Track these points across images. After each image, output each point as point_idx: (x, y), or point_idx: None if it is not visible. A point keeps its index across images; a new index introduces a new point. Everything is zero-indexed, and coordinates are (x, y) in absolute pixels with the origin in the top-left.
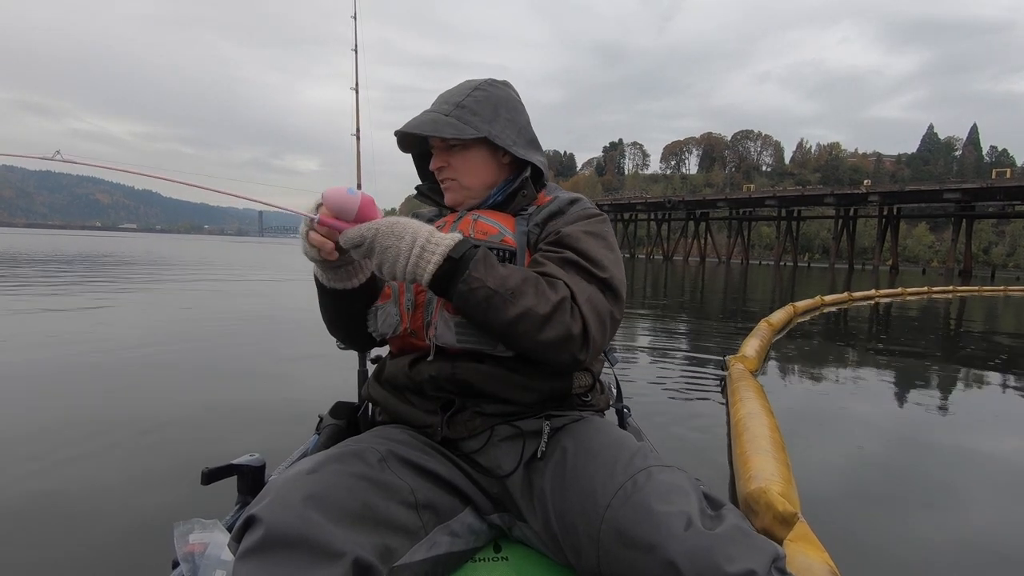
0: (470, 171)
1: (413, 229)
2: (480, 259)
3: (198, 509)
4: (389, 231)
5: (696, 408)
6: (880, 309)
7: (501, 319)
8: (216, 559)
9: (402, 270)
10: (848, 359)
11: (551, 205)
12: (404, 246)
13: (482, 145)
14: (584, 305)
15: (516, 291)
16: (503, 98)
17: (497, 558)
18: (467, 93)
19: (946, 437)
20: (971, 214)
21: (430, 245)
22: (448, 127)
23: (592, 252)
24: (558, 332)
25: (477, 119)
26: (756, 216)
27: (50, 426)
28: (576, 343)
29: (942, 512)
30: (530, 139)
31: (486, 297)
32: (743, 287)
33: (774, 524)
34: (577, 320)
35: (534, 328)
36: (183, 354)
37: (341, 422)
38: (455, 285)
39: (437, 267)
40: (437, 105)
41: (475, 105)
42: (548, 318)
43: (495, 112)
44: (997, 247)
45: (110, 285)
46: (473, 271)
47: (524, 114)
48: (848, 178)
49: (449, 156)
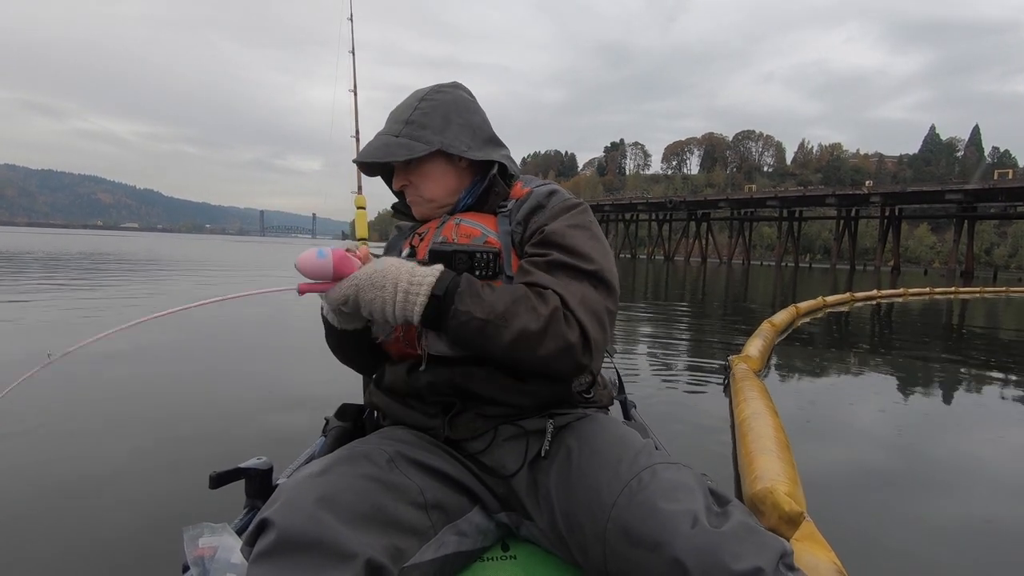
0: (430, 185)
1: (393, 275)
2: (464, 291)
3: (205, 513)
4: (368, 284)
5: (699, 408)
6: (882, 310)
7: (498, 345)
8: (226, 563)
9: (392, 315)
10: (851, 359)
11: (530, 200)
12: (387, 296)
13: (437, 156)
14: (578, 309)
15: (507, 314)
16: (451, 103)
17: (505, 557)
18: (414, 107)
19: (952, 436)
20: (973, 215)
21: (412, 288)
22: (400, 148)
23: (579, 246)
24: (556, 344)
25: (427, 132)
26: (757, 216)
27: (52, 427)
28: (576, 350)
29: (948, 511)
30: (487, 137)
31: (478, 328)
32: (744, 288)
33: (780, 524)
34: (574, 327)
35: (531, 346)
36: (187, 355)
37: (347, 424)
38: (446, 321)
39: (424, 308)
40: (388, 126)
41: (423, 118)
42: (543, 333)
43: (445, 120)
44: (999, 248)
45: (119, 286)
46: (460, 305)
47: (479, 113)
48: (850, 179)
49: (408, 174)
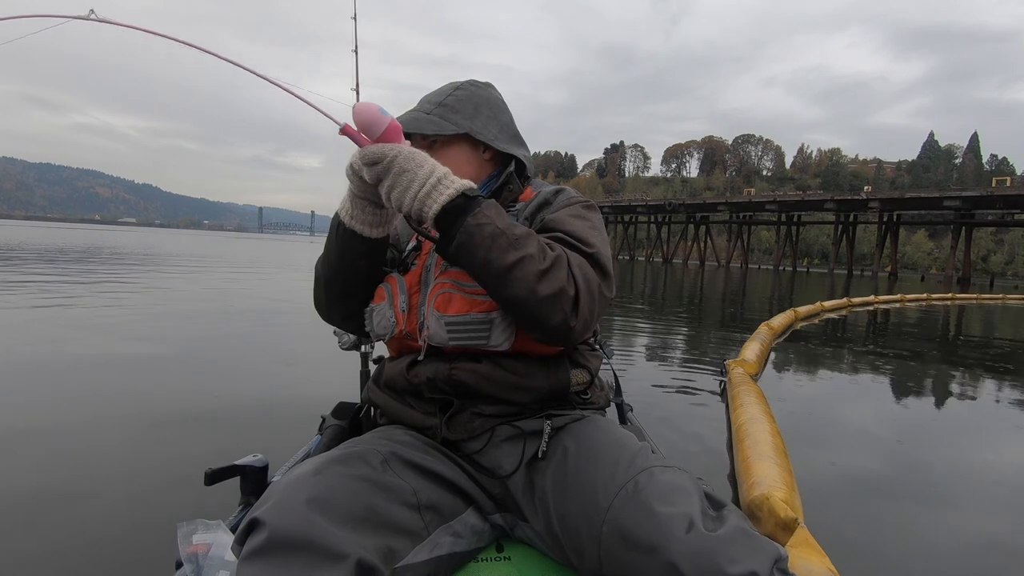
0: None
1: (433, 162)
2: (492, 203)
3: (200, 509)
4: (411, 156)
5: (696, 412)
6: (879, 316)
7: (502, 260)
8: (220, 560)
9: (412, 197)
10: (848, 365)
11: (538, 198)
12: (422, 174)
13: (463, 141)
14: (576, 270)
15: (521, 238)
16: (484, 97)
17: (500, 558)
18: (449, 93)
19: (948, 443)
20: (970, 222)
21: (446, 179)
22: (429, 124)
23: (579, 231)
24: (554, 286)
25: (458, 116)
26: (756, 220)
27: (50, 423)
28: (569, 302)
29: (944, 517)
30: (513, 135)
31: (492, 234)
32: (742, 291)
33: (776, 530)
34: (571, 281)
35: (532, 276)
36: (184, 351)
37: (343, 422)
38: (462, 220)
39: (450, 199)
40: (420, 105)
41: (456, 103)
42: (546, 271)
43: (476, 110)
44: (996, 255)
45: (112, 284)
46: (485, 208)
47: (507, 112)
48: (848, 184)
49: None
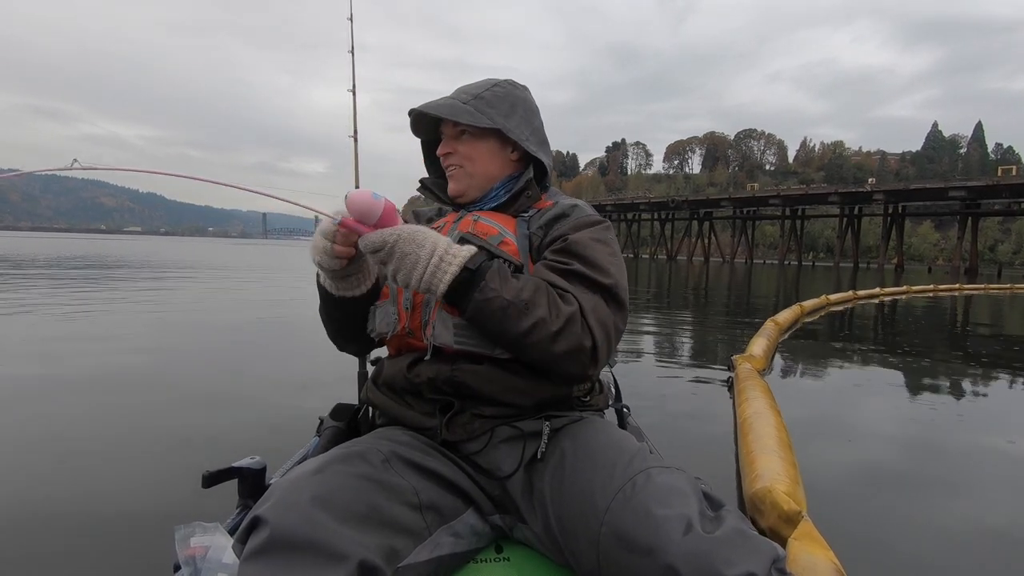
0: (477, 160)
1: (433, 239)
2: (496, 271)
3: (198, 512)
4: (410, 238)
5: (703, 407)
6: (886, 308)
7: (516, 329)
8: (218, 562)
9: (418, 279)
10: (855, 359)
11: (554, 209)
12: (424, 254)
13: (494, 137)
14: (590, 317)
15: (530, 302)
16: (521, 98)
17: (499, 559)
18: (487, 87)
19: (955, 435)
20: (976, 212)
21: (448, 256)
22: (465, 113)
23: (598, 259)
24: (570, 344)
25: (494, 111)
26: (760, 215)
27: (49, 430)
28: (587, 354)
29: (950, 510)
30: (541, 140)
31: (501, 307)
32: (748, 287)
33: (779, 523)
34: (587, 333)
35: (546, 339)
36: (180, 355)
37: (341, 424)
38: (470, 295)
39: (454, 277)
40: (456, 94)
41: (493, 99)
42: (560, 331)
43: (512, 108)
44: (1003, 245)
45: (102, 292)
46: (490, 282)
47: (538, 117)
48: (852, 176)
49: (458, 143)
